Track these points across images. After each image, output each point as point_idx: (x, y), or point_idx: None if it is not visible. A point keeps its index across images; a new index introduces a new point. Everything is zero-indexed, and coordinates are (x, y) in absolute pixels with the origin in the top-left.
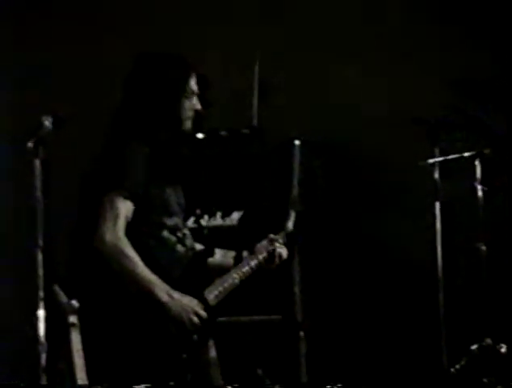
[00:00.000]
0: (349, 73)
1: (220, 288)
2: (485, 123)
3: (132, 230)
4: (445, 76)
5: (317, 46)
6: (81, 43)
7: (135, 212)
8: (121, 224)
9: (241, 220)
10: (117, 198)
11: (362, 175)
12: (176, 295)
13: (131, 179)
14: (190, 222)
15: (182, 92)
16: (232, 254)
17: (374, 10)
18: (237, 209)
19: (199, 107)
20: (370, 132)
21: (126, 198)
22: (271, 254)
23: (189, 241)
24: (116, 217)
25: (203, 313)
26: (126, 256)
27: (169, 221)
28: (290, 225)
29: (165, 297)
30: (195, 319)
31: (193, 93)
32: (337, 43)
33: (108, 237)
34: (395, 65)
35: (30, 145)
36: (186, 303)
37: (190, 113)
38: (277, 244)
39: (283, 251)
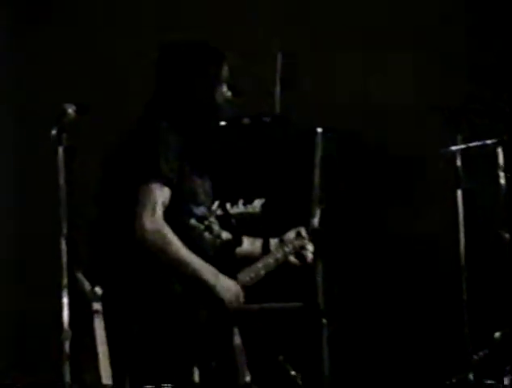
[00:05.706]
0: (371, 62)
1: (247, 278)
2: (505, 110)
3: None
4: (464, 64)
5: (340, 34)
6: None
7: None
8: (160, 211)
9: (263, 207)
10: (154, 185)
11: (382, 163)
12: (222, 276)
13: (167, 165)
14: (215, 207)
15: (217, 80)
16: (259, 242)
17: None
18: (259, 197)
19: (229, 94)
20: (392, 121)
21: (163, 185)
22: (298, 249)
23: (216, 229)
24: (155, 204)
25: (242, 298)
26: (169, 242)
27: (197, 210)
28: (315, 222)
29: (212, 280)
30: (236, 302)
31: (224, 81)
32: (360, 31)
33: (149, 224)
34: (417, 53)
35: (53, 132)
36: (231, 285)
37: (221, 101)
38: (305, 240)
39: (309, 248)
